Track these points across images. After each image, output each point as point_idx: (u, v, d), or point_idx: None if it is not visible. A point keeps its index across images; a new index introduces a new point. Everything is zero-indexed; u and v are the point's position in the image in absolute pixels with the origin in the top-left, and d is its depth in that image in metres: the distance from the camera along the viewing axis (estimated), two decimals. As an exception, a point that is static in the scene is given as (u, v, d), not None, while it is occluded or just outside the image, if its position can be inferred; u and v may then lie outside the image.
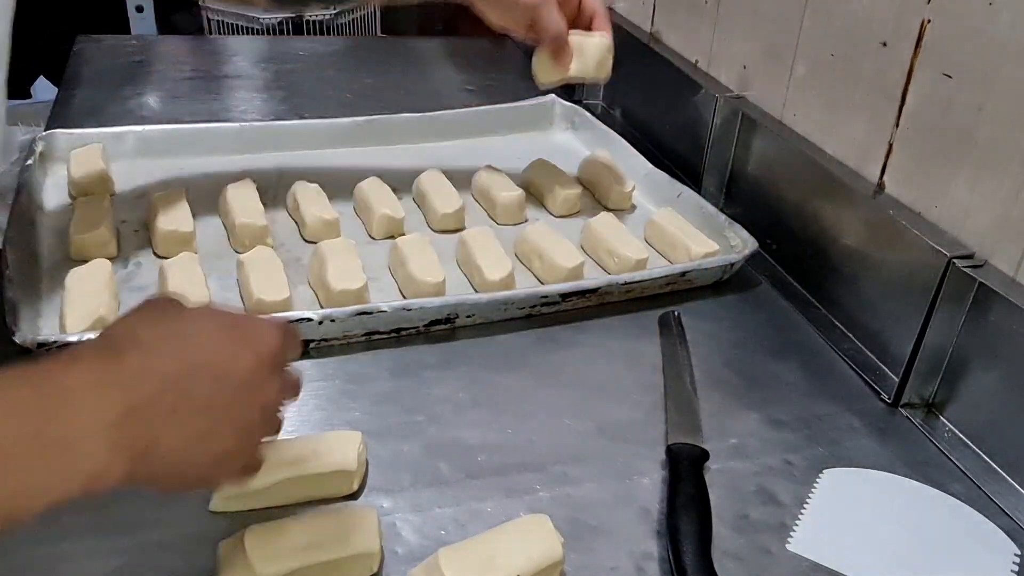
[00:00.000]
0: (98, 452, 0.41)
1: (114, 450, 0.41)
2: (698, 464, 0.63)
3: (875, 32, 0.80)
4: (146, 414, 0.42)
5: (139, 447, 0.42)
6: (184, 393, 0.44)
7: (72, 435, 0.40)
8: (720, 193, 1.03)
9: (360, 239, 0.89)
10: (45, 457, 0.40)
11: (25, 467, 0.39)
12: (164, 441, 0.43)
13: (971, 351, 0.70)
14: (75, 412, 0.41)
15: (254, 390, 0.47)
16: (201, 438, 0.45)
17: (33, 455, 0.40)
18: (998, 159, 0.68)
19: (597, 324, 0.81)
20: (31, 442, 0.39)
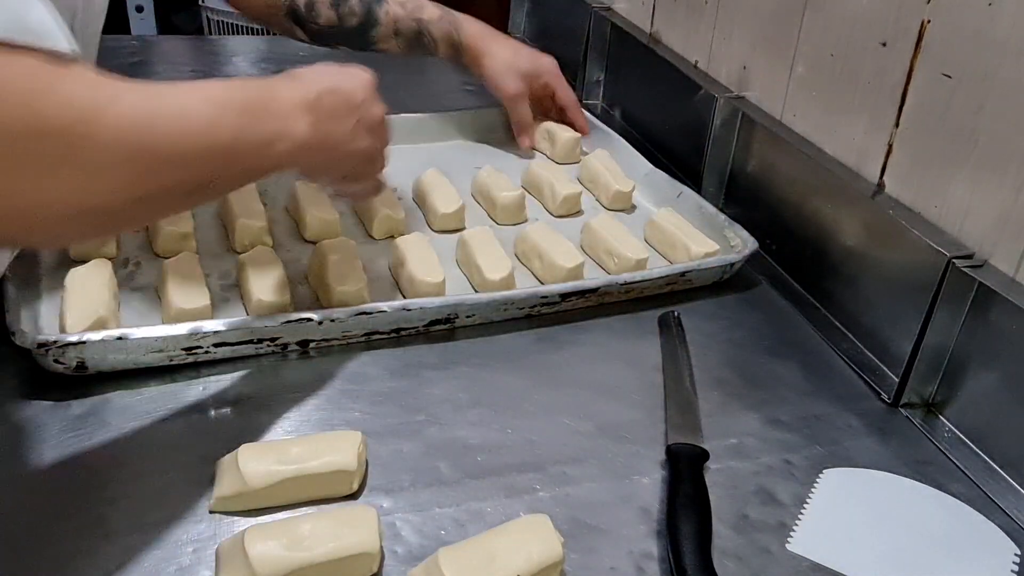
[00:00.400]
0: (303, 125, 0.59)
1: (310, 126, 0.60)
2: (698, 464, 0.63)
3: (875, 32, 0.80)
4: (319, 110, 0.61)
5: (322, 132, 0.61)
6: (335, 103, 0.63)
7: (287, 110, 0.59)
8: (720, 193, 1.03)
9: (360, 239, 0.89)
10: (275, 120, 0.58)
11: (265, 125, 0.57)
12: (332, 133, 0.63)
13: (971, 351, 0.70)
14: (285, 97, 0.59)
15: (370, 105, 0.67)
16: (351, 135, 0.65)
17: (268, 118, 0.57)
18: (998, 159, 0.68)
19: (597, 324, 0.81)
20: (266, 108, 0.57)
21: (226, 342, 0.70)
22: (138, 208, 0.50)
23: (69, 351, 0.65)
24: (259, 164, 0.58)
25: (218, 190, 0.59)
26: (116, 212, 0.49)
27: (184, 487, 0.59)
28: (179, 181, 0.51)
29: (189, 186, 0.52)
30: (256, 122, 0.56)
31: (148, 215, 0.63)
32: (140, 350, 0.67)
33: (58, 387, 0.66)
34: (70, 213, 0.46)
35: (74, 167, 0.45)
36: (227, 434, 0.64)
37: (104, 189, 0.46)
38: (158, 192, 0.50)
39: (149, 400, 0.66)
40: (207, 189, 0.55)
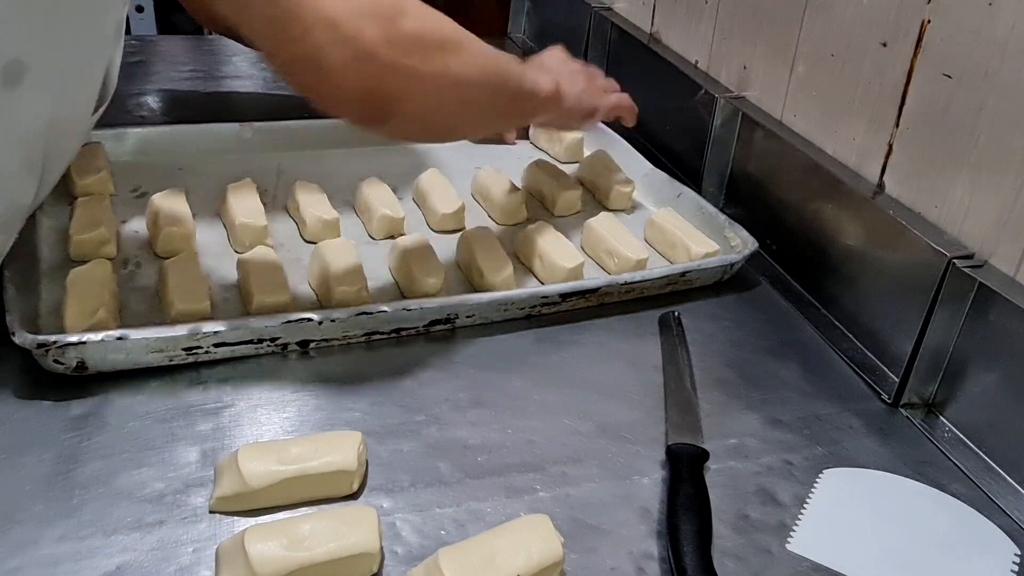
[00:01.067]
0: (542, 78, 0.81)
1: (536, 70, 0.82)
2: (698, 464, 0.63)
3: (875, 32, 0.80)
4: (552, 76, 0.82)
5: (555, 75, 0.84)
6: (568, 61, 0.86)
7: (526, 72, 0.77)
8: (720, 193, 1.03)
9: (360, 239, 0.89)
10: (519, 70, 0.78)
11: (518, 70, 0.78)
12: (563, 84, 0.85)
13: (971, 351, 0.70)
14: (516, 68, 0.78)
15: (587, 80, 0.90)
16: (571, 76, 0.90)
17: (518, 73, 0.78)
18: (998, 159, 0.68)
19: (597, 324, 0.81)
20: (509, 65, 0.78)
21: (226, 342, 0.70)
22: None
23: (69, 351, 0.65)
24: (514, 99, 0.78)
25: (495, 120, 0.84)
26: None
27: (184, 487, 0.59)
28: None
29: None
30: (513, 70, 0.77)
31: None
32: (140, 350, 0.67)
33: (58, 387, 0.66)
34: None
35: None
36: (227, 434, 0.64)
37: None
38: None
39: (149, 400, 0.66)
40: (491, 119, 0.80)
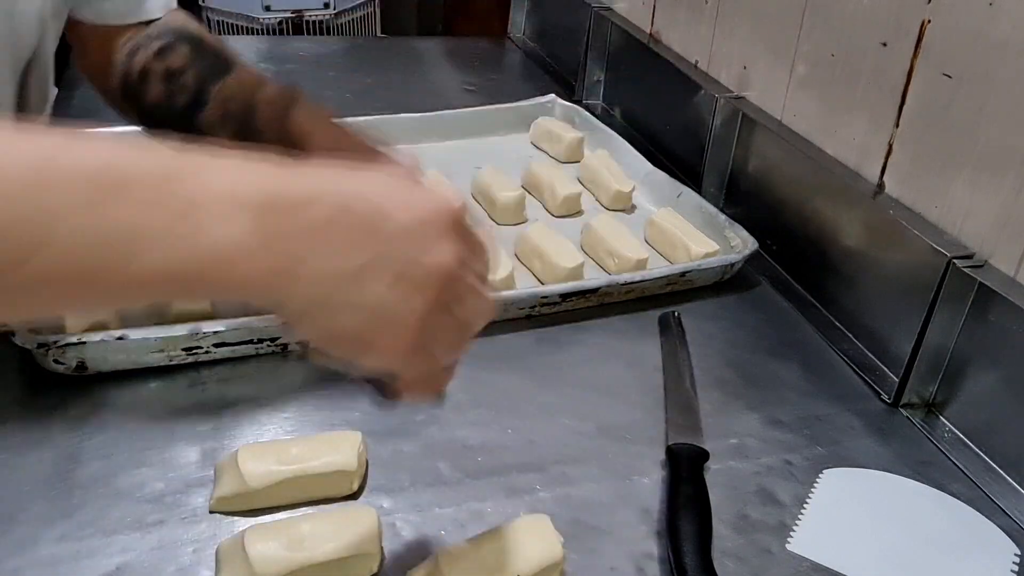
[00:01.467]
0: (231, 222, 0.37)
1: (254, 232, 0.38)
2: (698, 464, 0.63)
3: (875, 32, 0.80)
4: (294, 216, 0.39)
5: (279, 250, 0.39)
6: (341, 209, 0.40)
7: (199, 199, 0.37)
8: (720, 193, 1.03)
9: (360, 239, 0.88)
10: (159, 208, 0.36)
11: (130, 210, 0.36)
12: (311, 261, 0.39)
13: (971, 351, 0.70)
14: (209, 182, 0.38)
15: (419, 241, 0.41)
16: (353, 276, 0.40)
17: (144, 202, 0.36)
18: (998, 159, 0.68)
19: (597, 324, 0.81)
20: (147, 187, 0.36)
21: (226, 342, 0.70)
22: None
23: (69, 351, 0.65)
24: (113, 267, 0.36)
25: (46, 292, 0.36)
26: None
27: (184, 487, 0.59)
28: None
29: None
30: (110, 205, 0.35)
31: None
32: (140, 350, 0.67)
33: (58, 387, 0.66)
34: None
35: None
36: (227, 434, 0.64)
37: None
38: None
39: (149, 400, 0.66)
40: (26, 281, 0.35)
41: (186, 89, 0.77)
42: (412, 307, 0.42)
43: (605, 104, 1.32)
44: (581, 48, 1.32)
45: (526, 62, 1.50)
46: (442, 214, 0.43)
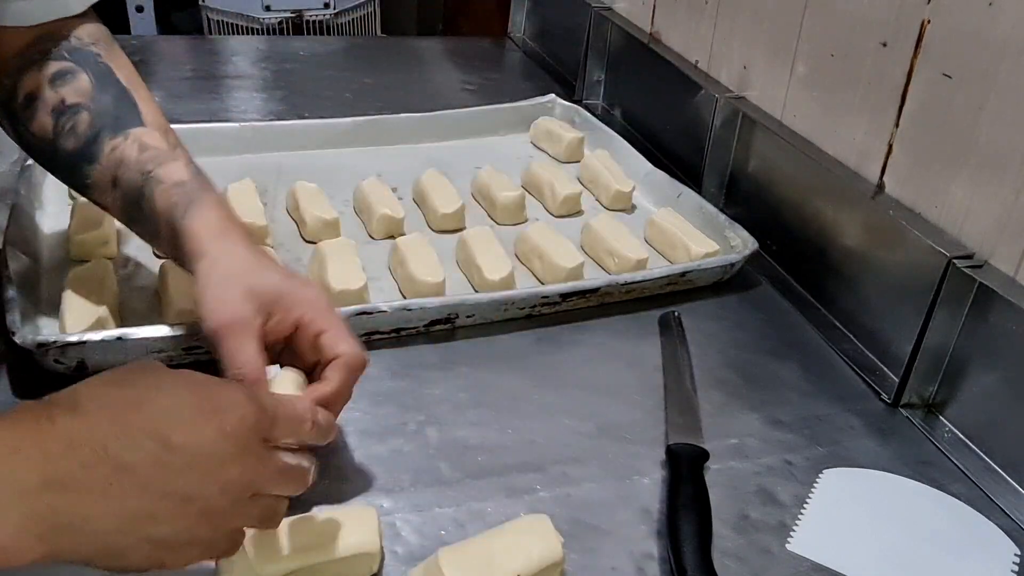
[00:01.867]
0: (4, 523, 0.38)
1: (25, 524, 0.38)
2: (698, 464, 0.63)
3: (875, 32, 0.80)
4: (71, 487, 0.39)
5: (60, 522, 0.39)
6: (120, 466, 0.40)
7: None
8: (720, 193, 1.03)
9: (360, 239, 0.89)
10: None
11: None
12: (94, 520, 0.40)
13: (971, 351, 0.70)
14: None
15: (213, 469, 0.42)
16: (139, 520, 0.41)
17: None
18: (998, 159, 0.68)
19: (597, 324, 0.81)
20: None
21: (226, 342, 0.70)
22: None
23: (69, 351, 0.65)
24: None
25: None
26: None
27: (184, 487, 0.59)
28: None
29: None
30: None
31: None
32: (140, 350, 0.67)
33: (58, 387, 0.65)
34: None
35: None
36: (227, 434, 0.64)
37: None
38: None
39: (149, 400, 0.66)
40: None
41: (75, 134, 0.65)
42: (213, 532, 0.44)
43: (605, 104, 1.32)
44: (581, 48, 1.32)
45: (526, 62, 1.50)
46: (233, 429, 0.43)
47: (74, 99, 0.65)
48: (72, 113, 0.65)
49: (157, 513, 0.41)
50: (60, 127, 0.65)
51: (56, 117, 0.65)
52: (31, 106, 0.66)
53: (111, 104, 0.66)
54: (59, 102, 0.65)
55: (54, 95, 0.65)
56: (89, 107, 0.65)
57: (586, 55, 1.31)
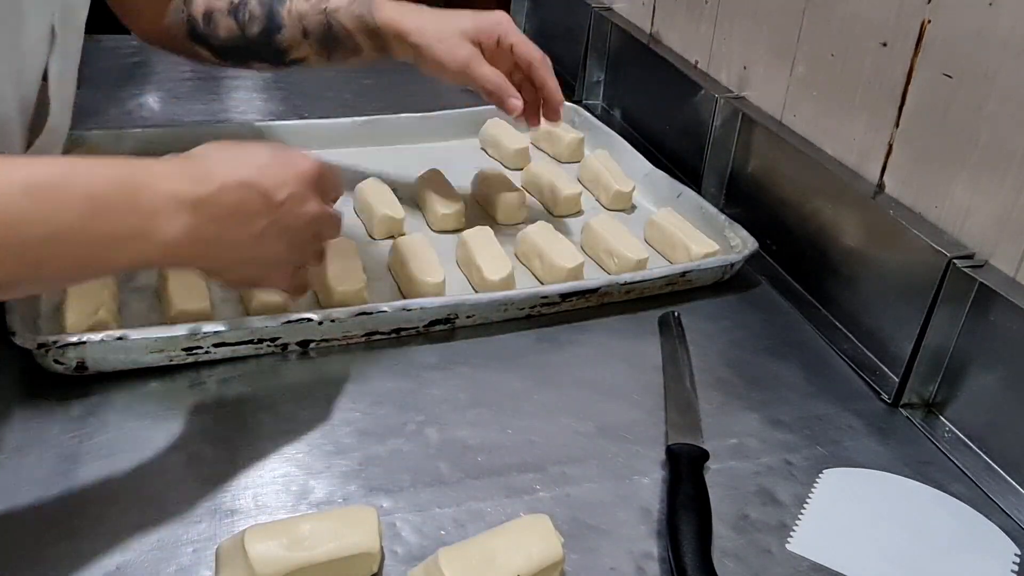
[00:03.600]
0: (176, 224, 0.52)
1: (191, 222, 0.53)
2: (698, 464, 0.63)
3: (875, 32, 0.80)
4: (212, 207, 0.54)
5: (208, 234, 0.54)
6: (241, 200, 0.56)
7: (158, 205, 0.51)
8: (720, 193, 1.03)
9: (360, 239, 0.89)
10: (135, 215, 0.51)
11: (117, 219, 0.50)
12: (227, 235, 0.56)
13: (971, 351, 0.70)
14: (160, 189, 0.52)
15: (296, 204, 0.58)
16: (257, 239, 0.57)
17: (125, 211, 0.50)
18: (998, 159, 0.68)
19: (597, 324, 0.81)
20: (124, 199, 0.50)
21: (226, 342, 0.70)
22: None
23: (69, 351, 0.65)
24: (107, 262, 0.52)
25: (56, 281, 0.57)
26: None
27: (184, 487, 0.59)
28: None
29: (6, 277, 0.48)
30: (104, 216, 0.50)
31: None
32: (140, 350, 0.67)
33: (58, 387, 0.66)
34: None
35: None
36: (227, 434, 0.64)
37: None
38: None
39: (149, 400, 0.66)
40: (34, 282, 0.52)
41: (255, 17, 0.84)
42: (295, 255, 0.62)
43: (605, 104, 1.32)
44: (581, 48, 1.32)
45: (526, 62, 1.50)
46: (303, 178, 0.59)
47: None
48: (243, 6, 0.85)
49: (267, 234, 0.57)
50: (241, 21, 0.85)
51: (234, 15, 0.85)
52: (212, 20, 0.86)
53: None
54: (230, 4, 0.85)
55: (223, 2, 0.85)
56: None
57: (586, 55, 1.31)
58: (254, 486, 0.60)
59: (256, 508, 0.59)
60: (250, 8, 0.85)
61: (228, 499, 0.59)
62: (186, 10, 0.87)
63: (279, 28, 0.85)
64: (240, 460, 0.62)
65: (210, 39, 0.87)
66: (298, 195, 0.59)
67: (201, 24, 0.86)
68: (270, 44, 0.86)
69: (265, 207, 0.57)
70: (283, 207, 0.58)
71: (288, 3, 0.85)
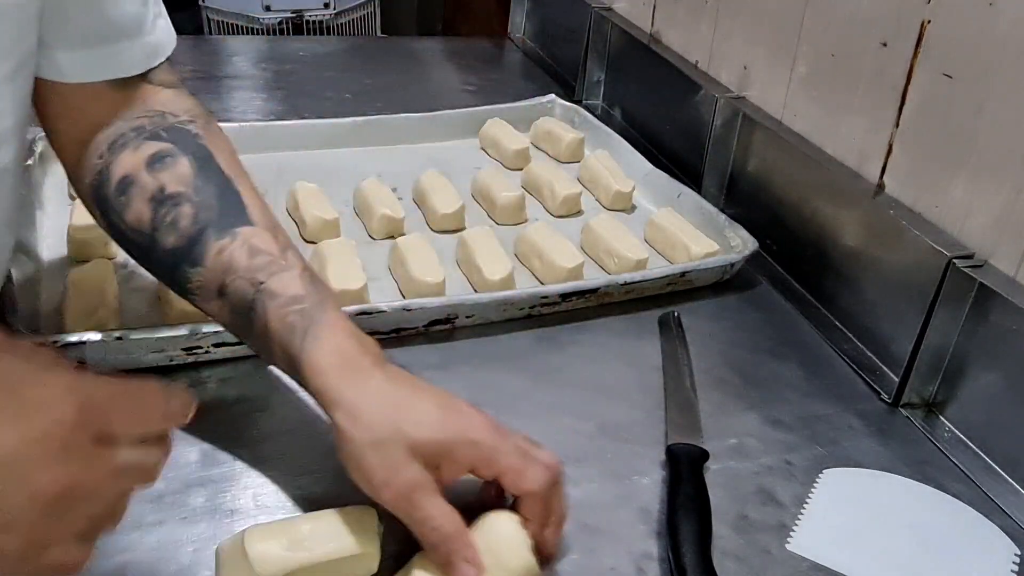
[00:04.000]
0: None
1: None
2: (698, 464, 0.63)
3: (875, 32, 0.80)
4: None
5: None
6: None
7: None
8: (720, 193, 1.03)
9: (360, 239, 0.89)
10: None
11: None
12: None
13: (971, 351, 0.70)
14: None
15: (17, 478, 0.36)
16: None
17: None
18: (998, 159, 0.68)
19: (597, 324, 0.81)
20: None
21: (226, 342, 0.70)
22: None
23: (69, 351, 0.65)
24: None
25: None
26: None
27: (184, 487, 0.59)
28: None
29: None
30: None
31: None
32: (140, 350, 0.67)
33: (58, 387, 0.66)
34: None
35: None
36: (227, 434, 0.64)
37: None
38: None
39: (149, 400, 0.66)
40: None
41: (176, 230, 0.58)
42: (14, 542, 0.37)
43: (605, 104, 1.32)
44: (581, 48, 1.32)
45: (526, 62, 1.50)
46: (44, 433, 0.37)
47: (174, 187, 0.58)
48: (172, 204, 0.58)
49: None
50: (159, 219, 0.58)
51: (155, 207, 0.59)
52: (126, 192, 0.59)
53: (215, 197, 0.59)
54: (158, 189, 0.59)
55: (152, 181, 0.59)
56: (191, 198, 0.58)
57: (586, 55, 1.31)
58: (254, 486, 0.60)
59: (256, 508, 0.59)
60: (177, 214, 0.58)
61: (228, 499, 0.59)
62: (104, 158, 0.61)
63: (195, 263, 0.58)
64: (240, 460, 0.62)
65: (111, 213, 0.61)
66: (20, 460, 0.37)
67: (112, 187, 0.60)
68: (176, 271, 0.59)
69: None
70: (17, 560, 0.37)
71: (225, 242, 0.58)
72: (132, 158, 0.59)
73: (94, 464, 0.39)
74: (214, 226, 0.58)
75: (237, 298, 0.57)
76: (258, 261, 0.57)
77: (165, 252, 0.59)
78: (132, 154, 0.59)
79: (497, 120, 1.11)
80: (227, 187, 0.60)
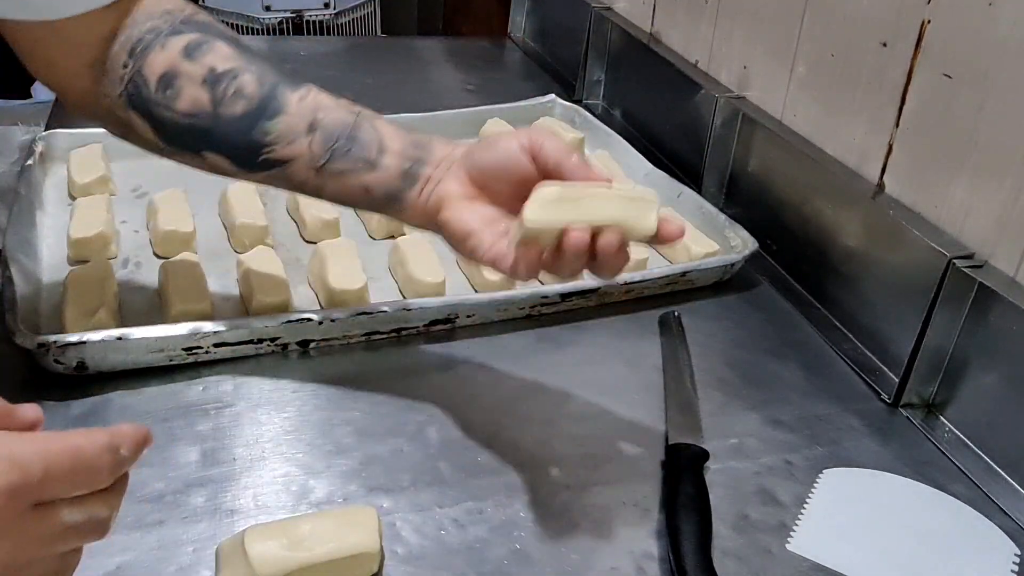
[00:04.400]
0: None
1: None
2: (698, 464, 0.63)
3: (875, 32, 0.80)
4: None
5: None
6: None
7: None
8: (720, 193, 1.03)
9: (360, 239, 0.89)
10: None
11: None
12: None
13: (971, 351, 0.70)
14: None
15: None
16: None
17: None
18: (998, 159, 0.68)
19: (597, 324, 0.81)
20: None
21: (226, 342, 0.70)
22: None
23: (69, 351, 0.65)
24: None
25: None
26: None
27: (184, 487, 0.59)
28: None
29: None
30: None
31: None
32: (140, 350, 0.67)
33: (58, 387, 0.66)
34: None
35: None
36: (227, 434, 0.64)
37: None
38: None
39: (149, 400, 0.66)
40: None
41: (244, 96, 0.59)
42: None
43: (605, 104, 1.32)
44: (581, 48, 1.32)
45: (526, 62, 1.50)
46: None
47: (225, 65, 0.60)
48: (231, 78, 0.60)
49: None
50: (220, 95, 0.60)
51: (211, 87, 0.59)
52: (172, 85, 0.60)
53: (268, 66, 0.61)
54: (208, 71, 0.60)
55: (198, 67, 0.59)
56: (248, 68, 0.60)
57: (586, 55, 1.31)
58: (254, 486, 0.60)
59: (256, 508, 0.59)
60: (239, 82, 0.60)
61: (228, 499, 0.59)
62: (131, 65, 0.60)
63: (275, 114, 0.60)
64: (240, 460, 0.62)
65: (159, 110, 0.60)
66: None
67: (153, 88, 0.60)
68: (249, 132, 0.60)
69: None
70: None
71: (302, 91, 0.61)
72: (164, 55, 0.60)
73: (30, 534, 0.38)
74: (286, 83, 0.61)
75: (334, 126, 0.61)
76: (344, 101, 0.62)
77: (234, 120, 0.60)
78: (162, 52, 0.60)
79: (497, 120, 1.11)
80: (270, 62, 0.62)
